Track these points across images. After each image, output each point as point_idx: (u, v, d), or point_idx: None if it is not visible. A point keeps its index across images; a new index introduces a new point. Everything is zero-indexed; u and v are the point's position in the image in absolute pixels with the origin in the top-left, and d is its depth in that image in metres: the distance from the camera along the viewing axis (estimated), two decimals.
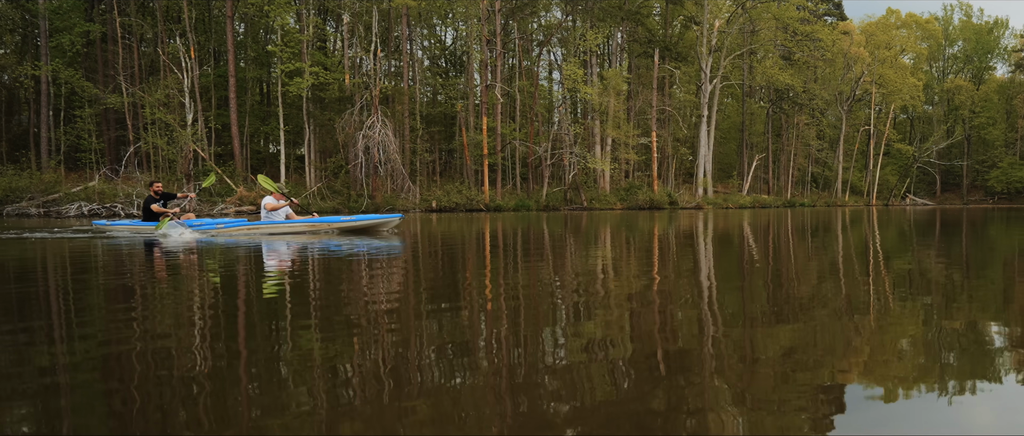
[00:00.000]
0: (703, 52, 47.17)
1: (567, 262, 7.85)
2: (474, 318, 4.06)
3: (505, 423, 2.28)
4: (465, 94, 41.28)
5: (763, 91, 56.62)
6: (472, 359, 3.08)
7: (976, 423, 2.37)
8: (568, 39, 44.11)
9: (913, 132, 73.96)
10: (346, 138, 35.04)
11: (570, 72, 40.12)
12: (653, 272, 6.68)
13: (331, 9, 39.32)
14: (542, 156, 40.27)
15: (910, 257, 8.83)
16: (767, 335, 3.62)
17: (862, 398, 2.60)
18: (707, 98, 47.76)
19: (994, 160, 71.72)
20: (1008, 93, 73.29)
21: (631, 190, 42.97)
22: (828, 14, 59.32)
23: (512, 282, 5.94)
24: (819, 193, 60.95)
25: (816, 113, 57.27)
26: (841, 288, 5.60)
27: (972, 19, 75.49)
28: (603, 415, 2.37)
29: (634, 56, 46.93)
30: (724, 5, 48.52)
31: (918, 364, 3.10)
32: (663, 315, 4.27)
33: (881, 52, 59.38)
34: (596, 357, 3.14)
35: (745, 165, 52.85)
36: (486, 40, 38.91)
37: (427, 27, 45.39)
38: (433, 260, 7.91)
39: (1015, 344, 3.44)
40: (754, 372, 2.91)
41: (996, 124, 72.08)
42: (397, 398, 2.50)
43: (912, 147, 68.65)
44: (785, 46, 51.90)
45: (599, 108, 42.20)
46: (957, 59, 77.00)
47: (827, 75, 58.05)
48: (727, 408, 2.46)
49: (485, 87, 39.25)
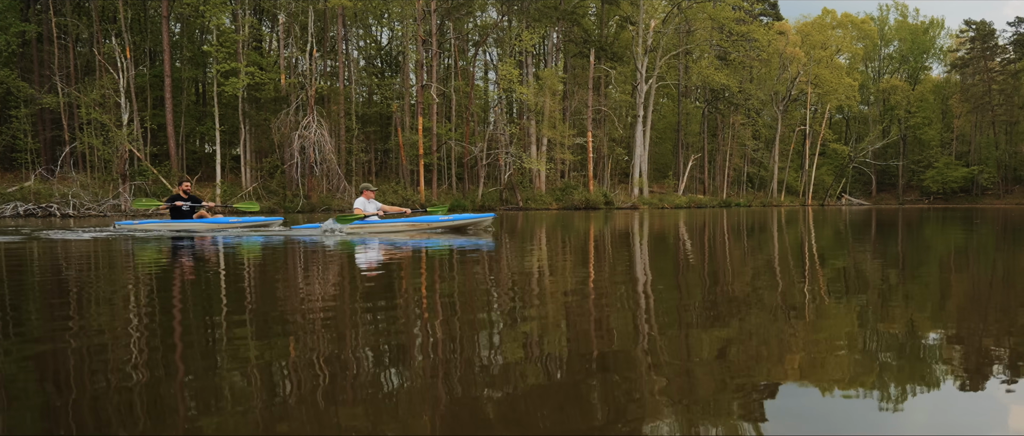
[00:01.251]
0: (639, 52, 52.14)
1: (503, 262, 8.48)
2: (409, 319, 4.43)
3: (439, 424, 2.50)
4: (401, 94, 45.41)
5: (699, 91, 62.47)
6: (407, 361, 3.35)
7: (910, 423, 2.57)
8: (504, 39, 48.56)
9: (849, 132, 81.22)
10: (282, 138, 38.67)
11: (506, 72, 44.46)
12: (589, 272, 7.32)
13: (267, 9, 43.06)
14: (478, 156, 44.51)
15: (845, 257, 9.71)
16: (703, 335, 3.96)
17: (797, 397, 2.83)
18: (643, 98, 52.76)
19: (930, 160, 79.33)
20: (944, 93, 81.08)
21: (567, 190, 47.59)
22: (764, 14, 65.40)
23: (449, 283, 6.44)
24: (755, 193, 67.19)
25: (752, 113, 63.28)
26: (776, 288, 6.12)
27: (908, 19, 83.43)
28: (539, 415, 2.58)
29: (570, 56, 51.69)
30: (660, 5, 53.66)
31: (854, 364, 3.36)
32: (599, 315, 4.61)
33: (817, 52, 65.67)
34: (532, 357, 3.41)
35: (681, 165, 58.25)
36: (422, 40, 42.93)
37: (363, 27, 49.44)
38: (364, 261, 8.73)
39: (949, 344, 3.76)
40: (690, 371, 3.18)
41: (932, 124, 79.72)
42: (333, 401, 2.74)
43: (848, 147, 75.79)
44: (721, 46, 57.65)
45: (535, 108, 46.66)
46: (893, 59, 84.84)
47: (763, 75, 64.21)
48: (663, 407, 2.67)
49: (421, 87, 43.27)
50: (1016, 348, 3.67)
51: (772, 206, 60.07)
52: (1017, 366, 3.31)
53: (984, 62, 78.79)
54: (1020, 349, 3.65)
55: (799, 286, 6.25)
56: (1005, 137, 79.30)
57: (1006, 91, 77.90)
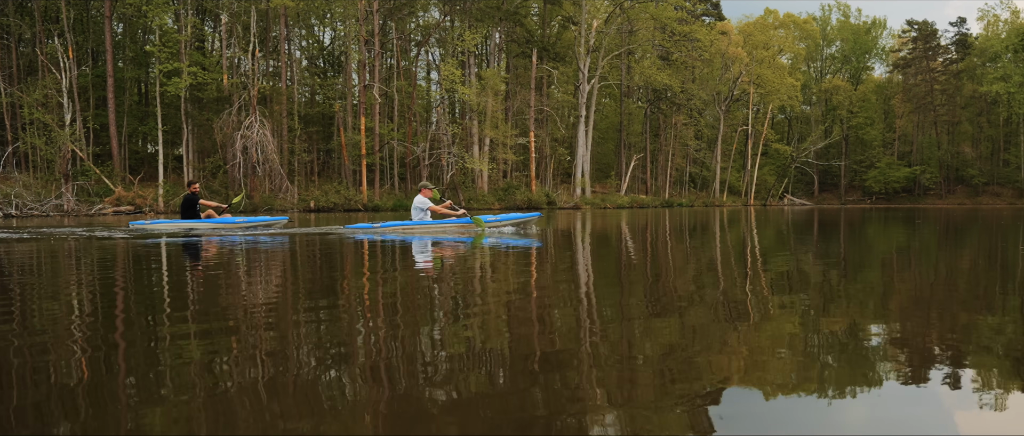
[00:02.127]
0: (581, 52, 56.12)
1: (446, 263, 8.97)
2: (352, 318, 4.78)
3: (380, 425, 2.65)
4: (343, 94, 48.65)
5: (641, 91, 67.12)
6: (349, 361, 3.60)
7: (853, 422, 2.76)
8: (446, 39, 52.13)
9: (791, 132, 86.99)
10: (224, 138, 41.73)
11: (448, 72, 48.10)
12: (531, 272, 7.77)
13: (209, 9, 45.92)
14: (420, 156, 48.06)
15: (788, 257, 10.35)
16: (645, 335, 4.26)
17: (740, 397, 3.02)
18: (585, 98, 56.84)
19: (872, 160, 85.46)
20: (886, 93, 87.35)
21: (509, 190, 51.30)
22: (706, 14, 70.24)
23: (391, 284, 6.78)
24: (697, 193, 72.16)
25: (694, 113, 68.11)
26: (719, 288, 6.46)
27: (850, 19, 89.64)
28: (481, 416, 2.75)
29: (512, 56, 55.51)
30: (602, 5, 57.88)
31: (796, 364, 3.61)
32: (541, 315, 4.91)
33: (759, 52, 70.71)
34: (474, 357, 3.67)
35: (623, 165, 62.54)
36: (364, 40, 46.21)
37: (305, 27, 52.64)
38: (311, 262, 9.36)
39: (891, 343, 4.06)
40: (632, 371, 3.39)
41: (874, 124, 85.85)
42: (273, 403, 2.90)
43: (790, 147, 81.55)
44: (663, 46, 62.34)
45: (477, 108, 50.29)
46: (835, 59, 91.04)
47: (705, 75, 69.13)
48: (605, 407, 2.85)
49: (363, 87, 46.56)
50: (958, 347, 3.93)
51: (714, 206, 65.10)
52: (959, 366, 3.53)
53: (926, 62, 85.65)
54: (962, 348, 3.91)
55: (742, 286, 6.73)
56: (947, 137, 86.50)
57: (948, 91, 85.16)
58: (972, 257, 10.66)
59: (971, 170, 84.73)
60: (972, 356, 3.76)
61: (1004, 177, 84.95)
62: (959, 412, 2.89)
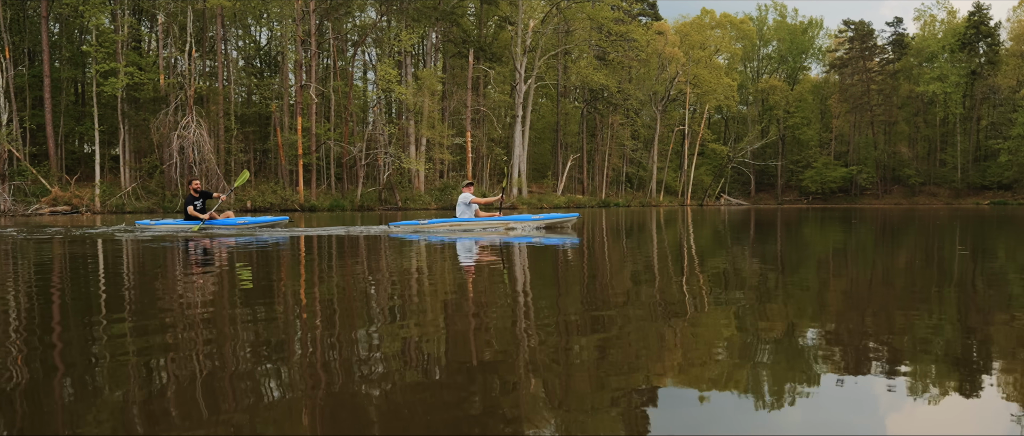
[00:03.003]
0: (518, 52, 60.13)
1: (382, 263, 9.49)
2: (289, 321, 5.07)
3: (316, 426, 2.81)
4: (280, 94, 51.94)
5: (578, 91, 71.85)
6: (285, 361, 3.81)
7: (788, 422, 2.91)
8: (383, 39, 55.79)
9: (728, 132, 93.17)
10: (161, 138, 44.79)
11: (384, 72, 51.72)
12: (468, 272, 8.30)
13: (146, 9, 48.77)
14: (357, 156, 51.52)
15: (725, 257, 10.90)
16: (582, 335, 4.50)
17: (676, 397, 3.21)
18: (522, 98, 60.92)
19: (808, 160, 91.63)
20: (822, 93, 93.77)
21: (446, 190, 55.22)
22: (643, 14, 75.17)
23: (328, 285, 7.25)
24: (634, 193, 77.27)
25: (630, 113, 73.00)
26: (655, 288, 6.87)
27: (787, 19, 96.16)
28: (418, 417, 2.91)
29: (449, 56, 59.43)
30: (538, 5, 62.03)
31: (732, 364, 3.81)
32: (478, 316, 5.25)
33: (695, 52, 75.87)
34: (411, 360, 3.85)
35: (560, 165, 66.87)
36: (301, 40, 49.54)
37: (242, 27, 55.92)
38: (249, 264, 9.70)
39: (828, 343, 4.31)
40: (569, 371, 3.60)
41: (810, 124, 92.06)
42: (225, 402, 3.07)
43: (727, 147, 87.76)
44: (600, 46, 66.95)
45: (414, 108, 53.98)
46: (772, 59, 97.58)
47: (642, 75, 74.19)
48: (542, 409, 3.03)
49: (300, 87, 49.92)
50: (894, 347, 4.18)
51: (651, 206, 70.34)
52: (895, 366, 3.75)
53: (863, 62, 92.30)
54: (898, 348, 4.16)
55: (678, 286, 7.06)
56: (884, 137, 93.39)
57: (885, 91, 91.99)
58: (908, 257, 11.23)
59: (908, 170, 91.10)
60: (908, 356, 3.96)
61: (940, 177, 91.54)
62: (894, 413, 3.06)
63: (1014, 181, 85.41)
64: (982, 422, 2.96)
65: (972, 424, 2.95)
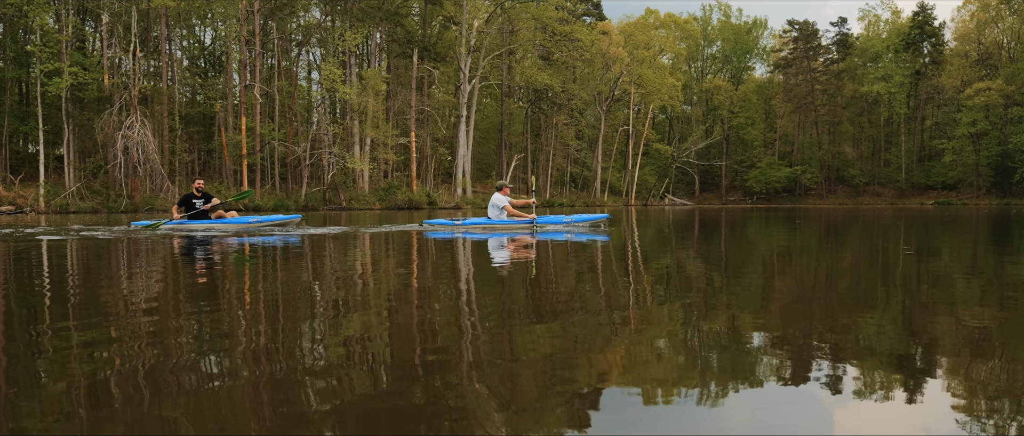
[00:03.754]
0: (462, 52, 63.43)
1: (326, 262, 10.15)
2: (233, 319, 5.29)
3: (263, 423, 2.92)
4: (224, 94, 54.70)
5: (522, 91, 75.60)
6: (229, 360, 3.98)
7: (733, 423, 3.02)
8: (327, 39, 58.70)
9: (672, 132, 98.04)
10: (105, 138, 47.15)
11: (329, 72, 54.76)
12: (412, 273, 8.78)
13: (90, 9, 51.10)
14: (301, 156, 54.39)
15: (669, 257, 11.35)
16: (527, 335, 4.71)
17: (621, 397, 3.32)
18: (466, 98, 64.31)
19: (752, 160, 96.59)
20: (767, 93, 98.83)
21: (390, 190, 58.12)
22: (587, 14, 79.11)
23: (271, 283, 7.81)
24: (578, 193, 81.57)
25: (575, 113, 76.78)
26: (600, 288, 7.28)
27: (731, 19, 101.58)
28: (362, 416, 3.05)
29: (393, 56, 62.63)
30: (483, 5, 65.45)
31: (677, 364, 4.00)
32: (422, 316, 5.51)
33: (640, 52, 79.91)
34: (355, 357, 4.06)
35: (504, 165, 70.49)
36: (245, 40, 52.29)
37: (186, 27, 58.57)
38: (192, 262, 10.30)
39: (772, 344, 4.48)
40: (514, 371, 3.78)
41: (755, 124, 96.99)
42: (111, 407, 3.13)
43: (671, 147, 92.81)
44: (544, 46, 70.37)
45: (358, 108, 56.97)
46: (716, 59, 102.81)
47: (586, 75, 78.22)
48: (486, 407, 3.16)
49: (244, 87, 52.66)
50: (838, 347, 4.36)
51: (595, 206, 73.49)
52: (840, 366, 3.90)
53: (807, 62, 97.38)
54: (842, 348, 4.34)
55: (623, 286, 7.34)
56: (828, 137, 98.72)
57: (829, 91, 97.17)
58: (853, 257, 11.79)
59: (852, 170, 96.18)
60: (853, 356, 4.13)
61: (885, 177, 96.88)
62: (839, 412, 3.18)
63: (958, 181, 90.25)
64: (926, 422, 3.06)
65: (916, 424, 3.05)
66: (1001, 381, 3.65)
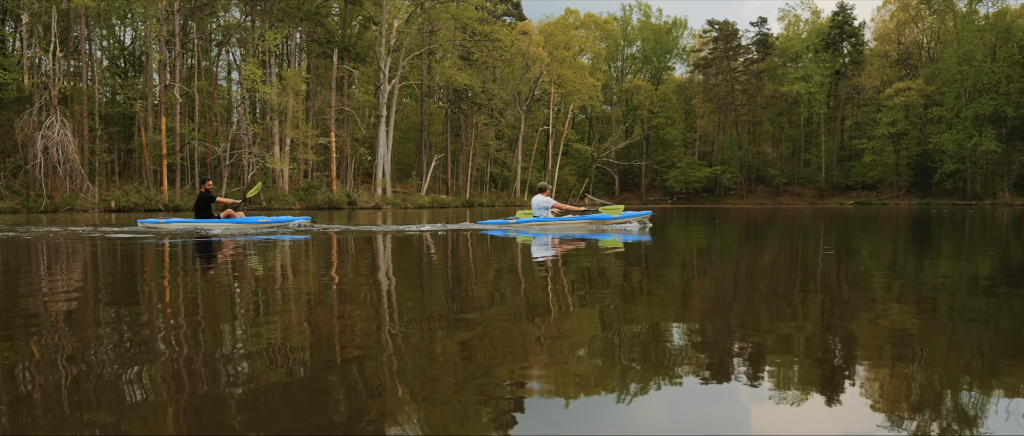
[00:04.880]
0: (382, 52, 67.46)
1: (245, 263, 10.67)
2: (153, 320, 5.57)
3: (180, 425, 3.09)
4: (144, 94, 57.93)
5: (442, 91, 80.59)
6: (148, 361, 4.18)
7: (652, 422, 3.21)
8: (247, 39, 62.17)
9: (592, 132, 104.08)
10: (25, 138, 50.06)
11: (249, 72, 58.48)
12: (331, 272, 9.33)
13: (10, 9, 53.79)
14: (221, 156, 57.50)
15: (589, 256, 11.94)
16: (446, 334, 4.97)
17: (540, 396, 3.53)
18: (386, 98, 68.47)
19: (672, 160, 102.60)
20: (687, 93, 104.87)
21: (310, 190, 61.93)
22: (507, 14, 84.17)
23: (191, 283, 8.30)
24: (498, 193, 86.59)
25: (495, 113, 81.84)
26: (520, 287, 7.68)
27: (651, 19, 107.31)
28: (281, 414, 3.24)
29: (313, 56, 66.43)
30: (403, 5, 69.66)
31: (596, 363, 4.22)
32: (341, 315, 5.84)
33: (560, 52, 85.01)
34: (275, 357, 4.27)
35: (424, 165, 74.74)
36: (165, 40, 55.59)
37: (106, 27, 61.55)
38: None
39: (692, 343, 4.73)
40: (432, 370, 4.01)
41: (675, 124, 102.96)
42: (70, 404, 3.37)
43: (591, 147, 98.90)
44: (464, 46, 74.93)
45: (278, 108, 60.71)
46: (636, 59, 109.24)
47: (506, 75, 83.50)
48: (405, 406, 3.34)
49: (164, 87, 55.97)
50: (758, 346, 4.61)
51: (515, 206, 77.36)
52: (759, 365, 4.15)
53: (727, 62, 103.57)
54: (762, 347, 4.58)
55: (542, 286, 7.83)
56: (748, 137, 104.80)
57: (749, 91, 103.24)
58: (773, 257, 12.21)
59: (772, 170, 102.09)
60: (772, 355, 4.37)
61: (805, 177, 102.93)
62: (758, 411, 3.35)
63: (878, 181, 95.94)
64: (845, 421, 3.23)
65: (835, 422, 3.21)
66: (919, 380, 3.83)
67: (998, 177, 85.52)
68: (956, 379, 3.86)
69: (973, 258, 11.84)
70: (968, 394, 3.60)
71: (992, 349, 4.64)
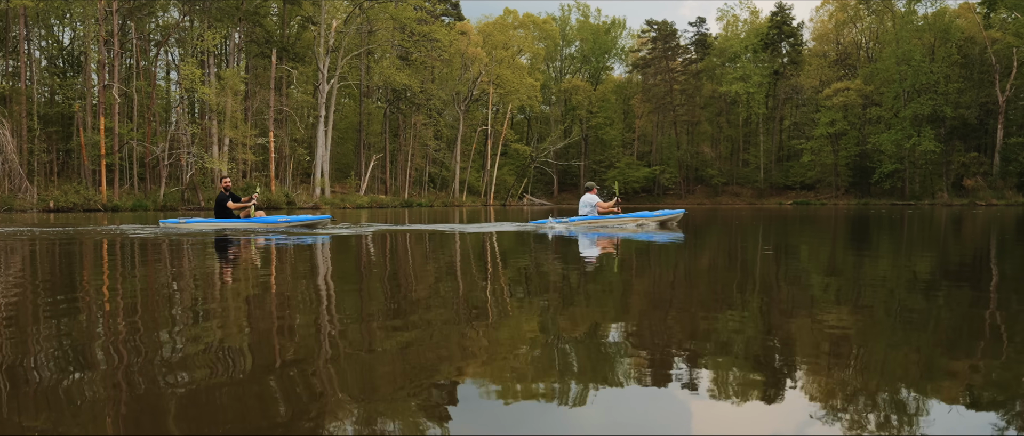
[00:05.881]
0: (321, 52, 70.18)
1: (184, 263, 11.01)
2: (91, 320, 5.71)
3: (119, 424, 3.16)
4: (83, 94, 59.96)
5: (380, 91, 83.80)
6: (88, 361, 4.31)
7: (590, 423, 3.28)
8: (186, 39, 64.26)
9: (531, 132, 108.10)
10: None
11: (187, 72, 61.02)
12: (270, 272, 9.68)
13: None
14: (160, 156, 59.72)
15: (527, 256, 12.31)
16: (385, 334, 5.12)
17: (479, 396, 3.67)
18: (325, 98, 71.20)
19: (611, 160, 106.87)
20: (625, 93, 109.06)
21: (248, 190, 63.98)
22: (446, 14, 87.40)
23: (130, 284, 8.40)
24: (437, 193, 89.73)
25: (434, 113, 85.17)
26: (458, 288, 7.91)
27: (589, 19, 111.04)
28: (220, 414, 3.32)
29: (252, 56, 69.04)
30: (341, 5, 72.37)
31: (535, 363, 4.35)
32: (280, 315, 6.08)
33: (498, 52, 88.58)
34: (214, 357, 4.41)
35: (363, 165, 77.54)
36: (104, 40, 57.81)
37: (45, 27, 63.14)
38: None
39: (630, 344, 4.85)
40: (372, 371, 4.15)
41: (613, 124, 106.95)
42: None
43: (530, 147, 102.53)
44: (402, 46, 77.86)
45: (217, 108, 63.24)
46: (575, 59, 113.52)
47: (444, 75, 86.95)
48: (345, 406, 3.45)
49: (103, 87, 58.15)
50: (696, 347, 4.74)
51: (454, 206, 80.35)
52: (698, 365, 4.25)
53: (666, 62, 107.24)
54: (700, 348, 4.70)
55: (481, 286, 8.06)
56: (687, 137, 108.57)
57: (687, 91, 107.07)
58: (711, 257, 12.45)
59: (710, 170, 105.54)
60: (711, 356, 4.48)
61: (743, 177, 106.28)
62: (696, 412, 3.45)
63: (817, 181, 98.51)
64: (782, 421, 3.32)
65: (772, 423, 3.30)
66: (858, 380, 3.96)
67: (936, 177, 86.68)
68: (894, 378, 4.00)
69: (912, 258, 12.20)
70: (906, 393, 3.74)
71: (930, 348, 4.80)
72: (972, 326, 5.48)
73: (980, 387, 3.81)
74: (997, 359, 4.40)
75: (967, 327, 5.45)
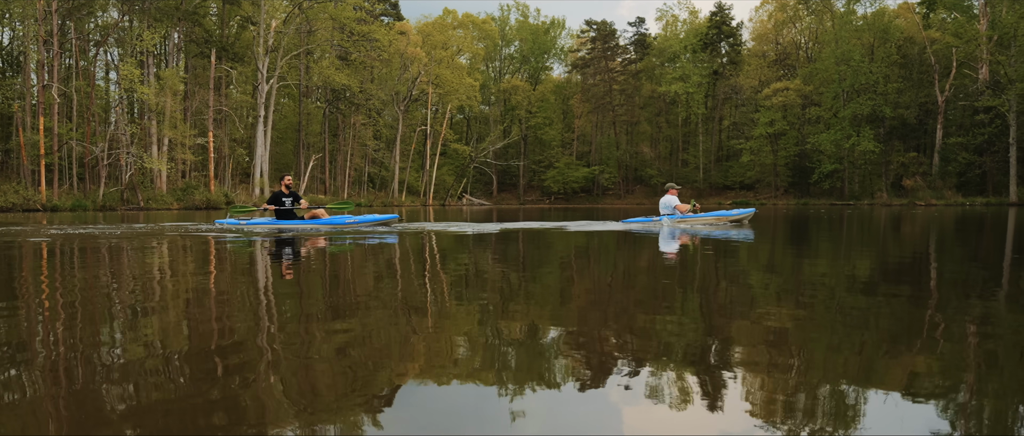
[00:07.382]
0: (260, 52, 73.01)
1: (124, 262, 11.24)
2: (32, 322, 5.76)
3: (62, 425, 3.22)
4: (22, 94, 62.11)
5: (320, 91, 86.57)
6: (28, 362, 4.35)
7: (529, 423, 3.33)
8: (125, 39, 66.45)
9: (470, 132, 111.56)
10: None
11: (127, 72, 63.45)
12: (209, 271, 9.94)
13: None
14: (99, 156, 61.95)
15: (468, 256, 12.55)
16: (324, 334, 5.21)
17: (418, 397, 3.74)
18: (264, 98, 74.05)
19: (550, 160, 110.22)
20: (564, 93, 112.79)
21: (188, 190, 66.92)
22: (385, 14, 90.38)
23: (69, 283, 8.43)
24: (376, 193, 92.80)
25: (373, 113, 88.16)
26: (397, 288, 8.01)
27: (529, 19, 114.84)
28: (159, 417, 3.34)
29: (191, 56, 71.56)
30: (281, 5, 75.14)
31: (473, 364, 4.43)
32: (219, 315, 6.14)
33: (438, 52, 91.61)
34: (153, 358, 4.45)
35: (302, 165, 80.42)
36: (43, 40, 59.83)
37: None
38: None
39: (569, 344, 4.94)
40: (311, 371, 4.20)
41: (552, 124, 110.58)
42: None
43: (469, 147, 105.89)
44: (342, 46, 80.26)
45: (156, 108, 65.60)
46: (514, 59, 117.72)
47: (384, 75, 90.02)
48: (284, 407, 3.52)
49: (42, 87, 60.19)
50: (634, 348, 4.78)
51: (393, 206, 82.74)
52: (635, 366, 4.30)
53: (605, 62, 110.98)
54: (637, 349, 4.75)
55: (420, 286, 8.16)
56: (626, 137, 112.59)
57: (627, 91, 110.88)
58: (650, 257, 12.64)
59: (650, 170, 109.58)
60: (648, 356, 4.52)
61: (683, 177, 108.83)
62: (634, 413, 3.50)
63: (756, 181, 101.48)
64: (721, 422, 3.36)
65: (711, 423, 3.34)
66: (797, 380, 3.99)
67: (876, 177, 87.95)
68: (834, 378, 4.03)
69: (851, 258, 12.32)
70: (846, 393, 3.78)
71: (870, 348, 4.85)
72: (911, 325, 5.62)
73: (919, 385, 3.93)
74: (935, 357, 4.54)
75: (906, 326, 5.58)
